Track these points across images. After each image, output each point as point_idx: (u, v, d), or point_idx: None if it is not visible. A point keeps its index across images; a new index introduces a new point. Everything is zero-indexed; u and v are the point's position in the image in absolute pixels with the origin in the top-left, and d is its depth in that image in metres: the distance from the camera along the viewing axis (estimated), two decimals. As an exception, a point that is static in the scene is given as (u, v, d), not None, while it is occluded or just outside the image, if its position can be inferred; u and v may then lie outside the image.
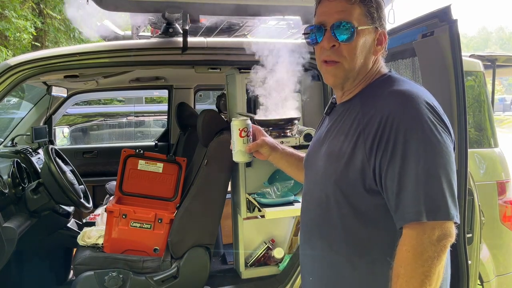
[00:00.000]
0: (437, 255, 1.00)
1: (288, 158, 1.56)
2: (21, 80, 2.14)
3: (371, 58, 1.20)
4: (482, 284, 2.44)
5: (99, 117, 7.54)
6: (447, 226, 1.01)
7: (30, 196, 2.45)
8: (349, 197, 1.13)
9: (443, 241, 1.01)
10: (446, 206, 1.01)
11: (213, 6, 2.18)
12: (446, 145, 1.04)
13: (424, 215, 1.00)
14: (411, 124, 1.04)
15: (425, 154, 1.02)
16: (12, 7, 8.73)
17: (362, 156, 1.09)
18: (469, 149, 1.59)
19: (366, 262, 1.10)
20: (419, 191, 1.01)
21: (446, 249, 1.02)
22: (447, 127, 1.07)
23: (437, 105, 1.09)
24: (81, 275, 2.36)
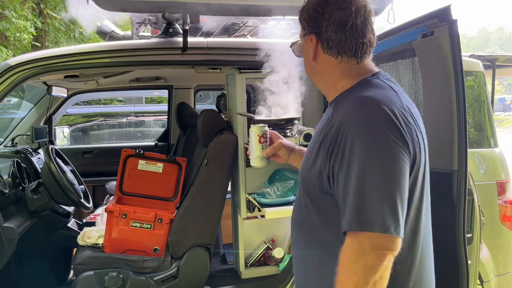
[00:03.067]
0: (372, 267, 0.96)
1: None
2: (21, 80, 2.14)
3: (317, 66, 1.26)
4: (482, 284, 2.44)
5: (99, 117, 7.54)
6: (381, 238, 0.97)
7: (30, 196, 2.45)
8: (312, 198, 1.17)
9: (377, 252, 0.97)
10: (379, 218, 0.97)
11: (213, 6, 2.18)
12: (392, 154, 1.01)
13: (355, 225, 0.99)
14: (358, 130, 1.03)
15: (365, 162, 1.00)
16: (12, 7, 8.73)
17: (321, 160, 1.11)
18: (469, 149, 1.59)
19: (334, 261, 1.05)
20: (355, 200, 1.00)
21: (382, 261, 0.97)
22: (402, 136, 1.03)
23: (400, 114, 1.06)
24: (81, 275, 2.36)
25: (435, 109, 1.68)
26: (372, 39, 1.24)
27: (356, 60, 1.21)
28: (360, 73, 1.22)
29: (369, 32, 1.22)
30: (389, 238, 0.98)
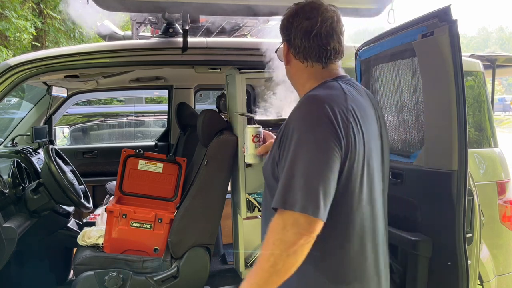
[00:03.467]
0: (288, 242, 1.08)
1: None
2: (21, 80, 2.15)
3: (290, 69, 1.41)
4: (482, 284, 2.44)
5: (99, 117, 7.55)
6: (300, 218, 1.08)
7: (30, 196, 2.45)
8: (268, 184, 1.32)
9: (295, 229, 1.09)
10: (301, 200, 1.09)
11: (213, 6, 2.18)
12: (321, 146, 1.13)
13: (280, 204, 1.11)
14: (298, 122, 1.18)
15: (298, 150, 1.14)
16: (12, 7, 8.73)
17: (275, 149, 1.26)
18: (469, 149, 1.59)
19: None
20: (284, 182, 1.13)
21: (298, 239, 1.08)
22: (334, 132, 1.15)
23: (339, 112, 1.17)
24: (81, 275, 2.36)
25: (435, 109, 1.68)
26: (337, 47, 1.33)
27: (321, 65, 1.33)
28: (324, 76, 1.34)
29: (334, 41, 1.31)
30: (308, 219, 1.09)
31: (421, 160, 1.74)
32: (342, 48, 1.35)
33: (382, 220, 1.34)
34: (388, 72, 2.02)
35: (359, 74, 2.22)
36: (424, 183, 1.72)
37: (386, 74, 2.04)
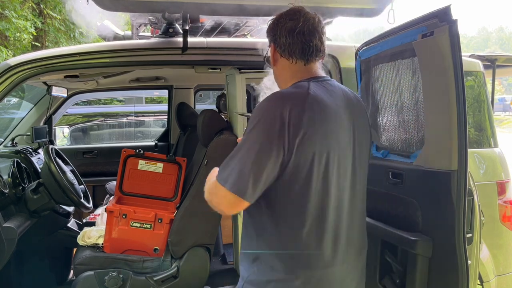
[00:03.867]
0: (213, 206, 1.38)
1: None
2: (21, 80, 2.15)
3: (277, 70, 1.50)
4: (482, 284, 2.44)
5: (99, 117, 7.55)
6: (227, 193, 1.28)
7: (30, 196, 2.45)
8: None
9: (222, 200, 1.32)
10: (229, 178, 1.28)
11: (213, 6, 2.18)
12: (260, 139, 1.27)
13: (219, 178, 1.31)
14: (253, 116, 1.32)
15: (244, 139, 1.31)
16: (12, 7, 8.72)
17: None
18: (469, 149, 1.59)
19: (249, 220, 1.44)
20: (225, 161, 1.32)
21: (217, 205, 1.35)
22: (279, 128, 1.26)
23: (291, 110, 1.27)
24: (81, 275, 2.37)
25: (435, 109, 1.68)
26: (319, 45, 1.42)
27: (304, 61, 1.42)
28: (302, 76, 1.43)
29: (316, 38, 1.41)
30: (235, 198, 1.27)
31: (421, 160, 1.74)
32: (323, 47, 1.45)
33: (347, 213, 1.41)
34: (388, 72, 2.01)
35: (359, 74, 2.22)
36: (424, 183, 1.72)
37: (386, 74, 2.04)
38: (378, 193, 2.01)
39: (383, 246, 1.95)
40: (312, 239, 1.34)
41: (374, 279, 2.02)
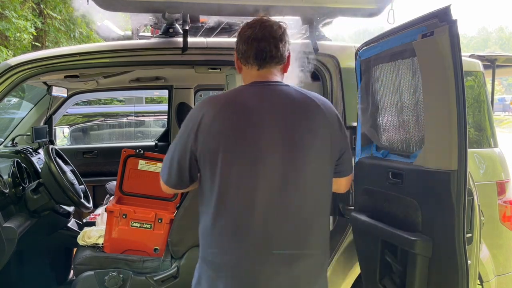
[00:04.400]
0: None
1: None
2: (22, 80, 2.15)
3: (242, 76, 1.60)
4: (482, 284, 2.44)
5: (99, 117, 7.55)
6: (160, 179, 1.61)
7: (30, 196, 2.45)
8: None
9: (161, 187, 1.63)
10: (162, 171, 1.58)
11: (213, 6, 2.18)
12: (181, 135, 1.47)
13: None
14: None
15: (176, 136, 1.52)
16: (12, 7, 8.72)
17: None
18: (469, 149, 1.59)
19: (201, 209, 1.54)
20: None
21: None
22: (194, 126, 1.42)
23: (214, 111, 1.42)
24: (81, 275, 2.37)
25: (435, 109, 1.68)
26: (274, 51, 1.47)
27: (257, 66, 1.50)
28: (254, 80, 1.52)
29: (270, 45, 1.47)
30: (164, 184, 1.60)
31: (421, 160, 1.74)
32: (279, 53, 1.49)
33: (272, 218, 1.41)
34: (388, 72, 2.02)
35: (359, 74, 2.22)
36: (424, 183, 1.72)
37: (386, 74, 2.04)
38: (378, 193, 2.01)
39: (383, 246, 1.95)
40: (218, 238, 1.43)
41: (374, 279, 2.02)
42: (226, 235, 1.42)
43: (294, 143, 1.43)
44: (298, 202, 1.44)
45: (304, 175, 1.44)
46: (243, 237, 1.41)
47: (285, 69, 1.58)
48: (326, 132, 1.48)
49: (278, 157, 1.41)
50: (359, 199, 2.16)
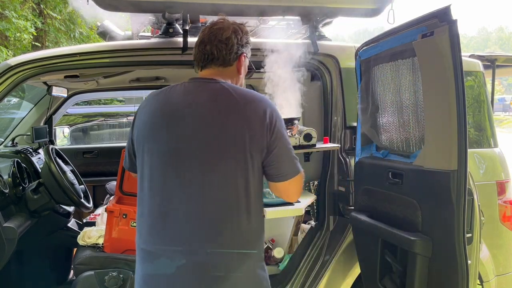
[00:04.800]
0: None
1: None
2: (22, 80, 2.15)
3: None
4: (482, 284, 2.44)
5: (99, 117, 7.54)
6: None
7: (31, 196, 2.45)
8: None
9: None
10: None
11: (213, 6, 2.18)
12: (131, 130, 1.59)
13: None
14: None
15: None
16: (13, 7, 8.72)
17: None
18: (469, 149, 1.59)
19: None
20: None
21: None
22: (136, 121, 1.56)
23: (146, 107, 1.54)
24: (81, 275, 2.37)
25: (435, 109, 1.68)
26: (216, 52, 1.51)
27: (200, 68, 1.57)
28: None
29: (212, 47, 1.51)
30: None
31: (421, 160, 1.75)
32: (222, 55, 1.52)
33: (182, 210, 1.44)
34: (388, 72, 2.02)
35: (359, 74, 2.22)
36: (424, 183, 1.73)
37: (386, 74, 2.04)
38: (378, 193, 2.01)
39: (383, 246, 1.95)
40: (140, 225, 1.57)
41: (374, 279, 2.02)
42: (145, 225, 1.52)
43: (206, 139, 1.43)
44: (201, 200, 1.42)
45: (211, 173, 1.42)
46: (156, 230, 1.48)
47: (238, 71, 1.58)
48: (242, 131, 1.42)
49: (189, 152, 1.43)
50: (359, 199, 2.16)
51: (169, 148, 1.46)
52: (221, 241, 1.43)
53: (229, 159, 1.43)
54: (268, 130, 1.44)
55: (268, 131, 1.44)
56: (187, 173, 1.43)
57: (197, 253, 1.42)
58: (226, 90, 1.48)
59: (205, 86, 1.50)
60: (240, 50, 1.55)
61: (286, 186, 1.51)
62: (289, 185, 1.51)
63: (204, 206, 1.43)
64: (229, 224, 1.44)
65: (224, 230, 1.43)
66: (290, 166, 1.49)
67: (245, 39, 1.57)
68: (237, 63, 1.56)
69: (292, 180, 1.50)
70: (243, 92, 1.49)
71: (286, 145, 1.48)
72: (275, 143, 1.45)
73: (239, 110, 1.45)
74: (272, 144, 1.45)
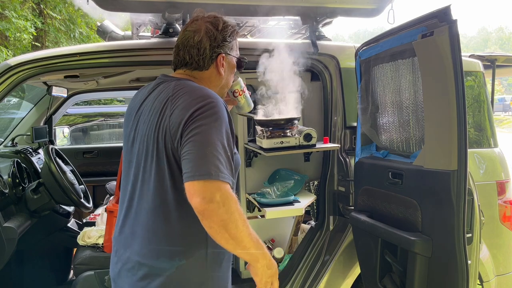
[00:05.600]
0: None
1: None
2: (22, 80, 2.14)
3: None
4: (482, 284, 2.44)
5: (99, 117, 7.54)
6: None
7: (30, 196, 2.45)
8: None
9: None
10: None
11: (213, 6, 2.18)
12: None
13: None
14: None
15: None
16: (12, 7, 8.73)
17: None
18: (469, 149, 1.59)
19: None
20: None
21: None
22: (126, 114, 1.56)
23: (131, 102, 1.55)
24: (81, 275, 2.37)
25: (435, 109, 1.68)
26: (188, 58, 1.47)
27: (173, 69, 1.55)
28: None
29: (185, 53, 1.47)
30: None
31: (421, 160, 1.74)
32: (195, 60, 1.46)
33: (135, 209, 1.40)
34: (388, 72, 2.02)
35: (359, 74, 2.22)
36: (424, 183, 1.72)
37: (386, 74, 2.04)
38: (378, 193, 2.01)
39: (383, 246, 1.95)
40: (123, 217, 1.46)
41: (374, 279, 2.02)
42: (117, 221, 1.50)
43: (144, 138, 1.38)
44: (138, 201, 1.38)
45: (144, 171, 1.37)
46: (118, 228, 1.47)
47: (218, 72, 1.49)
48: (164, 128, 1.31)
49: (136, 150, 1.42)
50: (359, 199, 2.16)
51: (127, 145, 1.48)
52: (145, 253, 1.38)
53: (154, 160, 1.35)
54: (184, 128, 1.27)
55: (185, 129, 1.26)
56: (133, 173, 1.42)
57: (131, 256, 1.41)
58: (172, 87, 1.37)
59: (162, 84, 1.44)
60: (216, 52, 1.47)
61: (190, 186, 1.20)
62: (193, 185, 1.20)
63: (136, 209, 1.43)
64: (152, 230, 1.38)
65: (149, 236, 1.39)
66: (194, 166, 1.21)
67: (221, 36, 1.47)
68: (215, 65, 1.48)
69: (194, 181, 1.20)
70: (181, 88, 1.36)
71: (198, 144, 1.24)
72: (189, 141, 1.25)
73: (166, 108, 1.33)
74: (186, 142, 1.26)
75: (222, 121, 1.28)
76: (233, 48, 1.54)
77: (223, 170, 1.21)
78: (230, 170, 1.25)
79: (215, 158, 1.21)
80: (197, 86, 1.38)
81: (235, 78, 1.72)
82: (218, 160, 1.21)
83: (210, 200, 1.16)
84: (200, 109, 1.27)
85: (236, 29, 1.55)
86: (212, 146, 1.22)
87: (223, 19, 1.51)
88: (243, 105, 1.85)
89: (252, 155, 2.58)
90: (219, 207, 1.17)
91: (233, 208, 1.19)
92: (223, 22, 1.50)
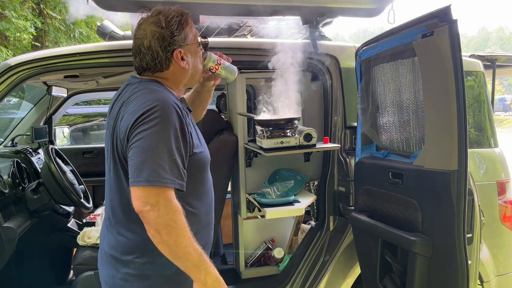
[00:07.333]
0: None
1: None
2: (21, 80, 2.14)
3: None
4: (482, 284, 2.44)
5: (99, 117, 7.53)
6: None
7: (30, 196, 2.45)
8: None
9: None
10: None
11: (213, 6, 2.18)
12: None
13: None
14: None
15: None
16: (12, 7, 8.73)
17: None
18: (469, 149, 1.59)
19: None
20: None
21: None
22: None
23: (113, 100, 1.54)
24: (81, 275, 2.36)
25: (435, 109, 1.68)
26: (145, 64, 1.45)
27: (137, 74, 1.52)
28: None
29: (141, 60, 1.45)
30: None
31: (421, 160, 1.74)
32: (151, 65, 1.43)
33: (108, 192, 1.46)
34: (388, 72, 2.02)
35: (359, 74, 2.22)
36: (424, 183, 1.72)
37: (386, 74, 2.04)
38: (378, 193, 2.01)
39: (383, 246, 1.95)
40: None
41: (374, 279, 2.02)
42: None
43: (108, 141, 1.44)
44: (106, 201, 1.49)
45: (108, 174, 1.45)
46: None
47: (181, 68, 1.46)
48: (116, 133, 1.36)
49: (105, 153, 1.48)
50: (359, 199, 2.16)
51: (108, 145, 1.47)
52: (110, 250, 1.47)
53: (110, 162, 1.42)
54: (130, 131, 1.29)
55: (131, 132, 1.29)
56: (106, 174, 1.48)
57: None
58: (130, 90, 1.40)
59: (125, 87, 1.47)
60: (169, 50, 1.42)
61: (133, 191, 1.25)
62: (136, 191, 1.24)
63: (107, 210, 1.50)
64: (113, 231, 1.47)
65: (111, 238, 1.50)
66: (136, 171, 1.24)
67: (168, 32, 1.40)
68: (174, 62, 1.44)
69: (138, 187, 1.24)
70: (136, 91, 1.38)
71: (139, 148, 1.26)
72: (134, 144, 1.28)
73: (120, 111, 1.38)
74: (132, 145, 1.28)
75: (167, 125, 1.28)
76: (187, 37, 1.46)
77: (164, 175, 1.23)
78: (178, 173, 1.27)
79: (155, 163, 1.23)
80: (151, 90, 1.37)
81: (205, 56, 1.63)
82: (159, 165, 1.24)
83: (146, 203, 1.22)
84: (144, 115, 1.28)
85: (182, 16, 1.46)
86: (152, 151, 1.24)
87: (165, 14, 1.42)
88: (226, 76, 1.75)
89: (252, 155, 2.58)
90: (154, 210, 1.21)
91: (170, 214, 1.23)
92: (165, 17, 1.42)
